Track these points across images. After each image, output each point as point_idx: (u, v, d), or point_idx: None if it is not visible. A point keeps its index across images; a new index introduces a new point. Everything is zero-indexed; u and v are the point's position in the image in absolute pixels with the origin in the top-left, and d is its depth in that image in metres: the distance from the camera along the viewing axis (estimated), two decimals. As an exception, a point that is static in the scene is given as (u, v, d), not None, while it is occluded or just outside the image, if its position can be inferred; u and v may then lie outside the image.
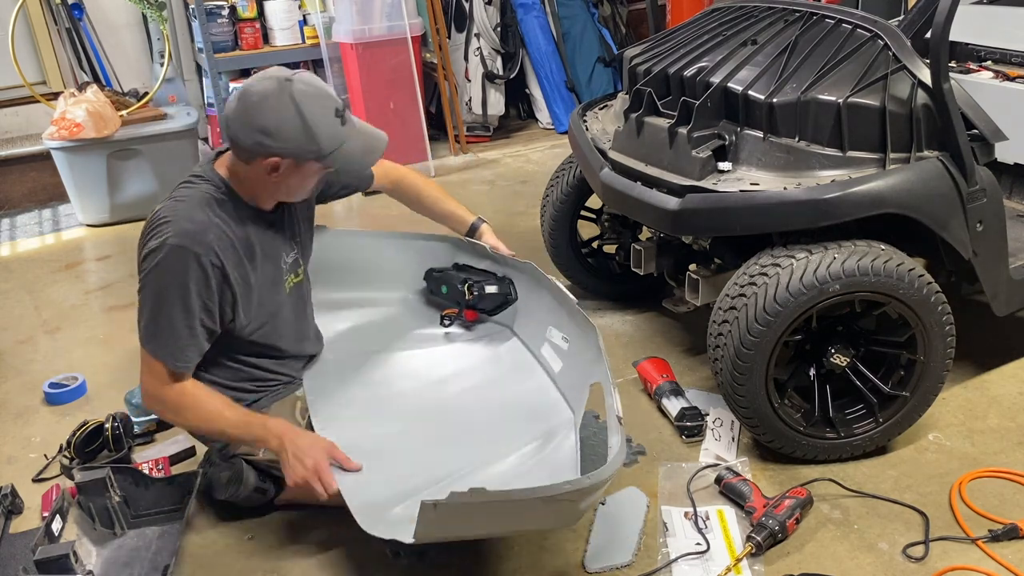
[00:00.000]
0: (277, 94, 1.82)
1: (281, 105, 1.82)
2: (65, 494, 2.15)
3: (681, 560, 1.95)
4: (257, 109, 1.82)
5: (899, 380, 2.22)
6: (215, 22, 4.74)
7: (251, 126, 1.83)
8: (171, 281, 1.85)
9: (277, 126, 1.82)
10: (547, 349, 2.25)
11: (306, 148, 1.86)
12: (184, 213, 1.88)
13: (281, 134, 1.83)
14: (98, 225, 4.45)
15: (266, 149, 1.84)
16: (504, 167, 5.05)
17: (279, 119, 1.82)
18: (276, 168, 1.88)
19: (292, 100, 1.83)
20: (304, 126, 1.83)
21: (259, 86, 1.84)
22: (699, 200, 2.20)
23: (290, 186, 1.97)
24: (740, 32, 2.49)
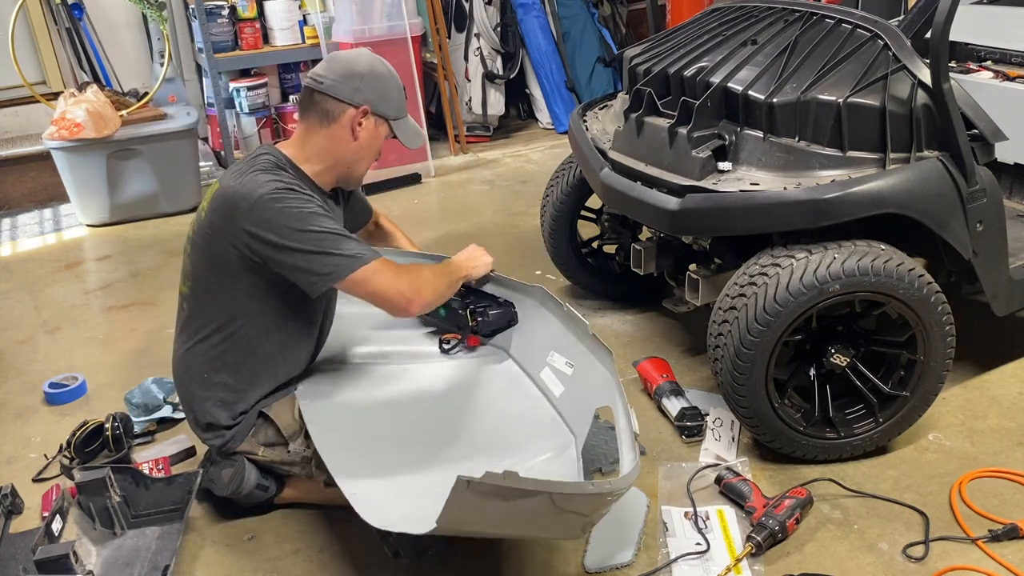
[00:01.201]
0: (370, 55, 2.09)
1: (375, 62, 2.07)
2: (65, 494, 2.15)
3: (681, 560, 1.95)
4: (356, 61, 2.05)
5: (899, 380, 2.22)
6: (215, 22, 4.74)
7: (351, 74, 2.02)
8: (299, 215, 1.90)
9: (374, 76, 2.04)
10: (547, 373, 2.22)
11: (391, 103, 2.08)
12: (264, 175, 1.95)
13: (376, 83, 2.04)
14: (98, 225, 4.45)
15: (362, 95, 2.02)
16: (504, 167, 5.05)
17: (376, 71, 2.05)
18: (361, 122, 2.04)
19: (383, 62, 2.10)
20: (393, 83, 2.09)
21: (350, 52, 2.12)
22: (699, 200, 2.20)
23: (360, 151, 2.08)
24: (740, 32, 2.49)
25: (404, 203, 4.55)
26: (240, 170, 2.00)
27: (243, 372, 2.08)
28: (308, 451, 2.07)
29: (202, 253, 2.03)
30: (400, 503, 1.82)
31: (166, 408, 2.62)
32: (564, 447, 2.03)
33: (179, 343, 2.15)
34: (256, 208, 1.90)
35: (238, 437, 2.09)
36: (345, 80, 2.01)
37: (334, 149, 2.06)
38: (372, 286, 1.94)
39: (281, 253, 1.91)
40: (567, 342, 2.19)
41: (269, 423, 2.09)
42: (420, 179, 4.85)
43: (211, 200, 2.00)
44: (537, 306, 2.33)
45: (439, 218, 4.31)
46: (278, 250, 1.91)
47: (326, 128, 2.03)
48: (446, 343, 2.36)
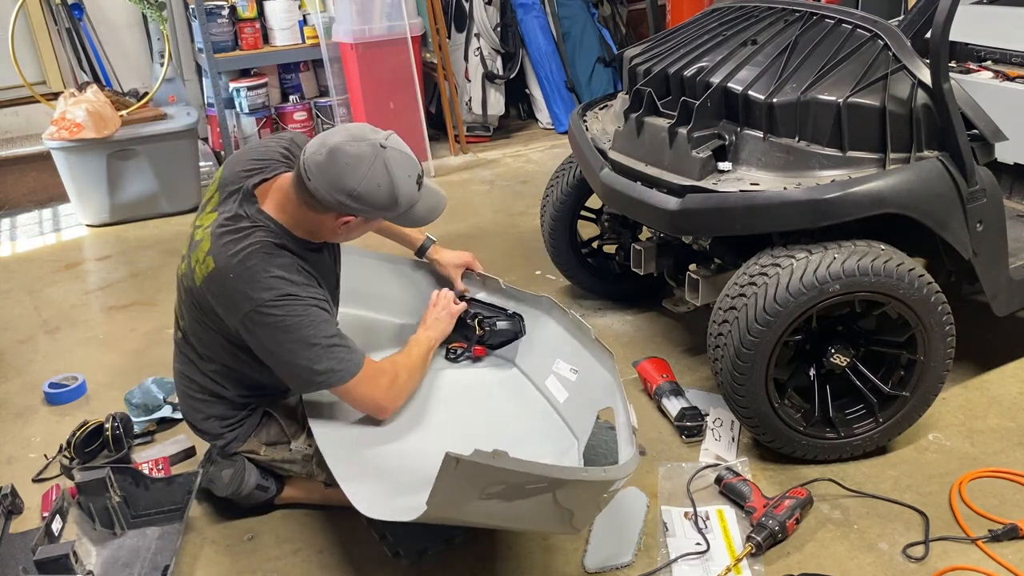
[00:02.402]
0: (371, 160, 1.81)
1: (375, 172, 1.81)
2: (65, 494, 2.15)
3: (681, 560, 1.95)
4: (350, 172, 1.80)
5: (899, 380, 2.22)
6: (215, 22, 4.74)
7: (339, 187, 1.80)
8: (298, 325, 1.85)
9: (367, 192, 1.82)
10: (552, 381, 2.21)
11: (384, 211, 1.90)
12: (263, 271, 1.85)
13: (368, 199, 1.83)
14: (98, 225, 4.45)
15: (347, 209, 1.84)
16: (504, 167, 5.05)
17: (370, 186, 1.82)
18: (347, 223, 1.90)
19: (386, 168, 1.83)
20: (392, 193, 1.85)
21: (352, 148, 1.80)
22: (699, 200, 2.20)
23: (349, 235, 1.99)
24: (740, 32, 2.49)
25: (404, 203, 4.54)
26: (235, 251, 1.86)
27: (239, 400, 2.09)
28: (309, 449, 2.07)
29: (199, 315, 1.99)
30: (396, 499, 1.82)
31: (166, 408, 2.62)
32: (566, 450, 2.03)
33: (177, 361, 2.15)
34: (256, 316, 1.84)
35: (241, 437, 2.10)
36: (331, 191, 1.80)
37: (320, 230, 1.94)
38: (351, 397, 1.95)
39: (273, 357, 1.89)
40: (572, 349, 2.19)
41: (272, 421, 2.10)
42: (420, 179, 4.84)
43: (207, 279, 1.88)
44: (544, 316, 2.33)
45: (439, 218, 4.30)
46: (270, 354, 1.89)
47: (312, 213, 1.88)
48: (452, 352, 2.35)
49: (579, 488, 1.65)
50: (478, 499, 1.58)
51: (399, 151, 1.87)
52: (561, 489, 1.62)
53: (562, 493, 1.63)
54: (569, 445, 2.03)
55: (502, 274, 2.49)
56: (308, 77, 5.16)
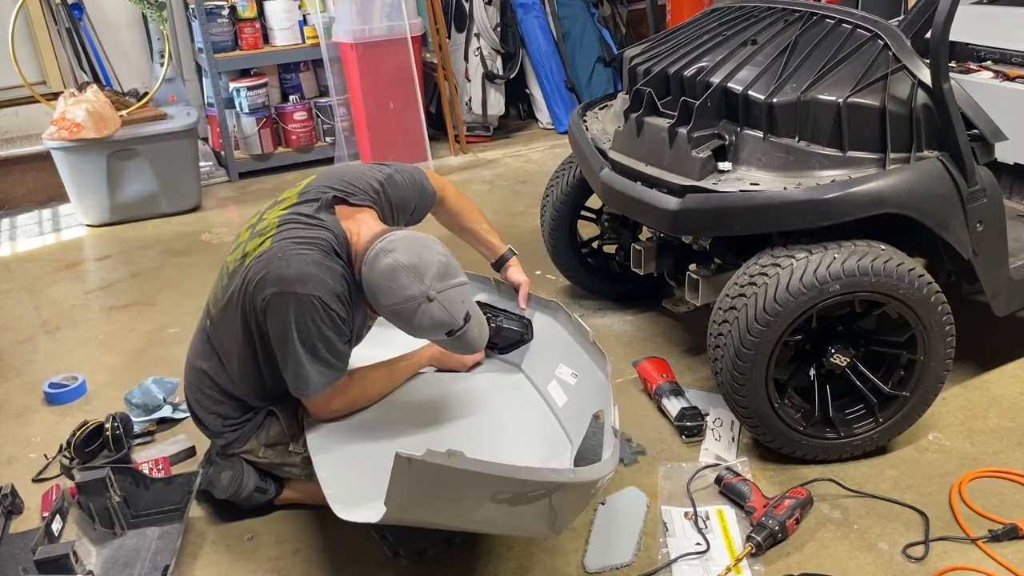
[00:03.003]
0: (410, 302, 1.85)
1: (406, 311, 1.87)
2: (65, 494, 2.15)
3: (681, 560, 1.95)
4: (389, 295, 1.86)
5: (899, 380, 2.22)
6: (215, 22, 4.74)
7: (375, 299, 1.90)
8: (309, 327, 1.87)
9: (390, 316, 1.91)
10: (554, 386, 2.21)
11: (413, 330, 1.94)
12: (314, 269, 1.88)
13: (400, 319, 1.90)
14: (98, 225, 4.44)
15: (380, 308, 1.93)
16: (504, 167, 5.05)
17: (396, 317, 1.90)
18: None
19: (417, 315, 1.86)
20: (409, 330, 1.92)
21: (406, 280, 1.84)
22: (699, 200, 2.20)
23: None
24: (740, 32, 2.49)
25: (404, 203, 4.54)
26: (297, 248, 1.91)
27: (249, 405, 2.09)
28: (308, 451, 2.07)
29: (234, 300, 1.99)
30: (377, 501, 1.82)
31: (166, 408, 2.62)
32: (559, 453, 2.02)
33: (195, 355, 2.14)
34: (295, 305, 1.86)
35: (243, 437, 2.10)
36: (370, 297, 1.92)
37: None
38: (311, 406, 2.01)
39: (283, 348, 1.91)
40: (574, 353, 2.19)
41: (275, 421, 2.10)
42: (420, 179, 4.84)
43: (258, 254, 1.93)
44: (552, 321, 2.33)
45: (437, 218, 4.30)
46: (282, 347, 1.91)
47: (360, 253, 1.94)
48: None
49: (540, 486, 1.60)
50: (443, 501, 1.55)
51: (443, 307, 1.87)
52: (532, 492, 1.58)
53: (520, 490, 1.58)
54: (563, 448, 2.03)
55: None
56: (308, 77, 5.16)
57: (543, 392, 2.22)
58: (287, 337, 1.88)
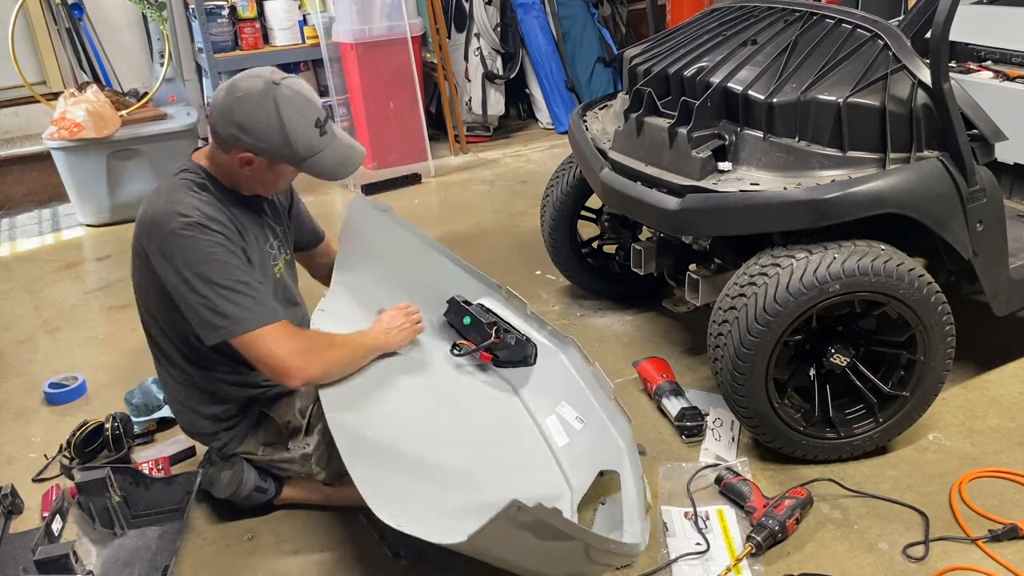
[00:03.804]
0: (260, 95, 1.84)
1: (263, 106, 1.84)
2: (65, 494, 2.15)
3: (681, 560, 1.95)
4: (239, 105, 1.84)
5: (899, 380, 2.22)
6: (215, 22, 4.75)
7: (230, 120, 1.85)
8: (202, 258, 1.84)
9: (254, 125, 1.84)
10: (553, 422, 2.18)
11: (280, 151, 1.88)
12: (172, 200, 1.89)
13: (257, 133, 1.85)
14: (98, 225, 4.45)
15: (241, 143, 1.87)
16: (504, 167, 5.05)
17: (258, 119, 1.84)
18: (250, 163, 1.90)
19: (274, 103, 1.84)
20: (281, 130, 1.85)
21: (246, 83, 1.86)
22: (699, 200, 2.20)
23: (264, 181, 1.98)
24: (740, 32, 2.49)
25: (404, 203, 4.54)
26: (159, 190, 1.94)
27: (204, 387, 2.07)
28: (308, 448, 2.07)
29: (134, 271, 2.02)
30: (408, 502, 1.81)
31: (166, 408, 2.61)
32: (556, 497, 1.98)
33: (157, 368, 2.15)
34: (167, 242, 1.85)
35: (238, 438, 2.09)
36: (224, 123, 1.86)
37: (235, 175, 1.96)
38: (253, 351, 1.86)
39: (179, 293, 1.86)
40: (582, 399, 2.17)
41: (270, 422, 2.09)
42: (420, 179, 4.85)
43: (136, 225, 1.95)
44: (561, 356, 2.31)
45: (439, 218, 4.31)
46: (177, 289, 1.86)
47: (223, 155, 1.93)
48: (457, 348, 2.29)
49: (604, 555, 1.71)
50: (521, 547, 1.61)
51: (294, 90, 1.87)
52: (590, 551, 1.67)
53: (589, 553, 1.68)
54: (560, 492, 2.01)
55: (502, 274, 2.49)
56: (308, 77, 5.17)
57: (539, 424, 2.19)
58: (180, 279, 1.84)
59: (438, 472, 1.94)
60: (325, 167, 1.94)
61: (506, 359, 2.30)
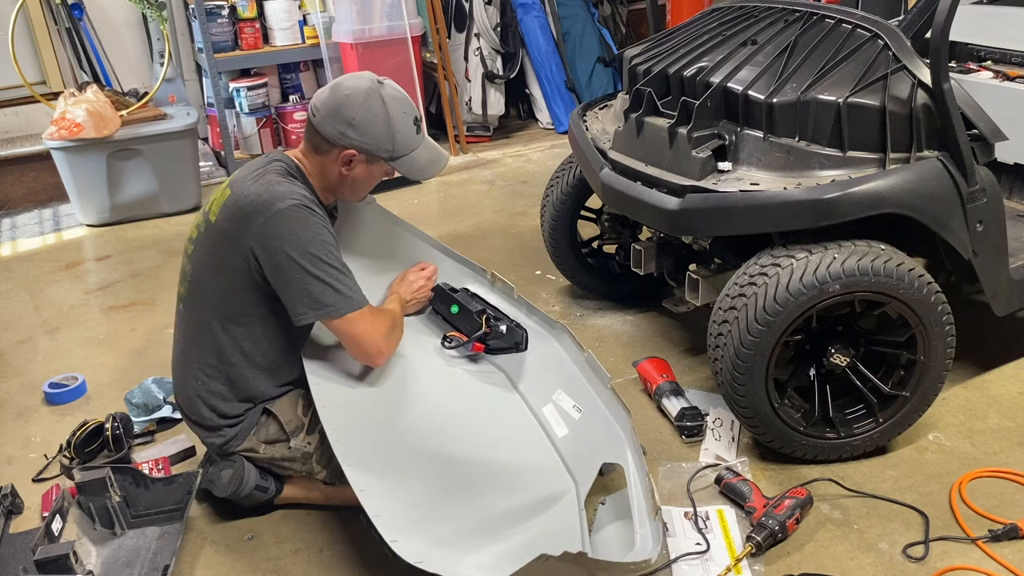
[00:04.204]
0: (367, 93, 1.98)
1: (371, 103, 1.97)
2: (65, 494, 2.15)
3: (681, 560, 1.95)
4: (348, 103, 1.96)
5: (899, 380, 2.22)
6: (215, 22, 4.74)
7: (339, 117, 1.96)
8: (311, 238, 1.90)
9: (364, 121, 1.96)
10: (551, 411, 2.16)
11: (383, 146, 2.00)
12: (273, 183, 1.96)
13: (365, 129, 1.97)
14: (98, 225, 4.45)
15: (347, 140, 1.97)
16: (504, 167, 5.05)
17: (367, 115, 1.97)
18: (350, 161, 2.00)
19: (381, 101, 1.98)
20: (388, 126, 1.98)
21: (352, 82, 1.99)
22: (699, 200, 2.20)
23: (356, 182, 2.07)
24: (740, 32, 2.49)
25: (404, 203, 4.55)
26: (255, 175, 1.99)
27: (236, 381, 2.07)
28: (309, 447, 2.07)
29: (208, 257, 2.02)
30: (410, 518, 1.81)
31: (166, 408, 2.62)
32: (563, 492, 2.00)
33: (176, 346, 2.15)
34: (273, 220, 1.90)
35: (240, 435, 2.09)
36: (333, 121, 1.97)
37: (328, 176, 2.05)
38: (353, 332, 1.95)
39: (285, 271, 1.90)
40: (578, 386, 2.15)
41: (272, 419, 2.09)
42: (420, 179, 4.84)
43: (223, 206, 1.98)
44: (552, 342, 2.28)
45: (439, 218, 4.31)
46: (282, 267, 1.90)
47: (321, 156, 2.03)
48: (449, 340, 2.30)
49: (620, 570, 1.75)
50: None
51: (396, 89, 2.04)
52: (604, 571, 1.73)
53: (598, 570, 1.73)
54: (566, 488, 2.01)
55: (502, 274, 2.48)
56: (308, 77, 5.16)
57: (537, 413, 2.19)
58: (288, 257, 1.89)
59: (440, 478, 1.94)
60: (417, 165, 2.07)
61: (498, 347, 2.30)
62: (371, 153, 2.00)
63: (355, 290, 1.95)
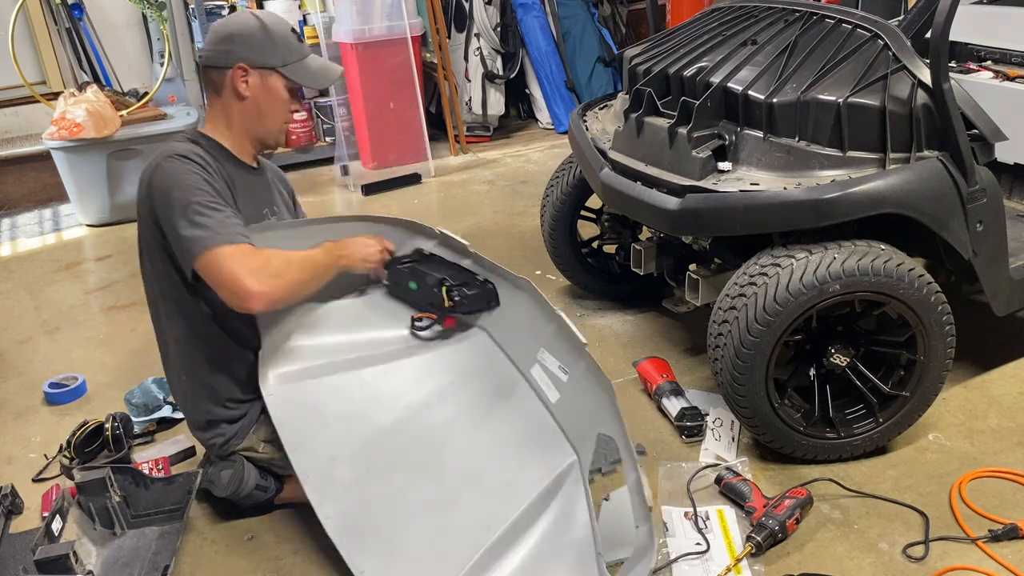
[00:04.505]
0: (240, 13, 2.08)
1: (243, 17, 2.05)
2: (65, 494, 2.15)
3: (681, 560, 1.95)
4: (223, 24, 2.05)
5: (899, 380, 2.22)
6: (215, 22, 4.74)
7: (218, 37, 2.02)
8: (177, 181, 1.88)
9: (241, 31, 2.01)
10: (538, 372, 1.98)
11: (268, 52, 2.01)
12: (168, 146, 1.97)
13: (244, 37, 2.00)
14: (98, 225, 4.45)
15: (233, 57, 1.99)
16: (504, 167, 5.05)
17: (243, 26, 2.02)
18: (245, 77, 2.00)
19: (254, 15, 2.05)
20: (265, 31, 2.01)
21: (225, 18, 2.10)
22: (699, 200, 2.20)
23: (260, 106, 2.04)
24: (740, 32, 2.49)
25: (404, 203, 4.55)
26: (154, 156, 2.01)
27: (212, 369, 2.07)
28: None
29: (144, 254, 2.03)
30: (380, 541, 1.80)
31: (166, 408, 2.62)
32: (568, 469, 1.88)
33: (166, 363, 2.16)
34: (155, 176, 1.91)
35: (240, 434, 2.09)
36: (217, 45, 2.01)
37: (230, 115, 2.05)
38: (215, 271, 1.83)
39: (165, 222, 1.89)
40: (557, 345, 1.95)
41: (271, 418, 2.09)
42: (420, 179, 4.85)
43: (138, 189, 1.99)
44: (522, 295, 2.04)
45: (439, 218, 4.31)
46: (163, 219, 1.89)
47: (220, 99, 2.04)
48: (418, 320, 2.14)
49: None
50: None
51: (270, 13, 2.08)
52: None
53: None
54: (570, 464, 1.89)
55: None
56: (308, 77, 5.16)
57: (527, 375, 2.02)
58: (163, 205, 1.87)
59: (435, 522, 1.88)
60: (311, 72, 2.08)
61: (469, 311, 2.13)
62: (260, 64, 2.00)
63: (223, 226, 1.84)
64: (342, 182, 4.86)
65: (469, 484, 1.94)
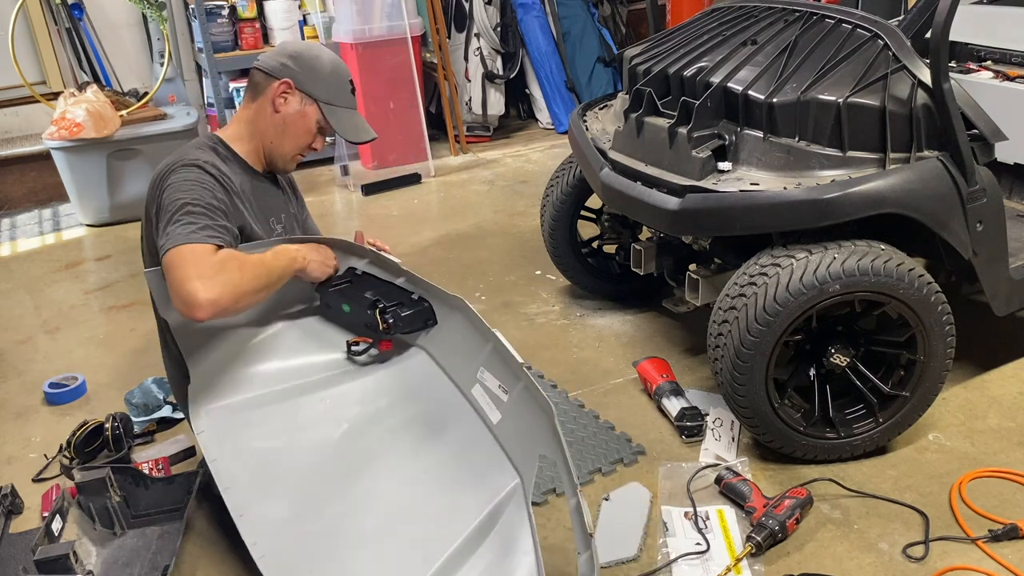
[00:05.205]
0: (316, 43, 2.14)
1: (318, 48, 2.13)
2: (65, 494, 2.15)
3: (681, 560, 1.95)
4: (294, 42, 2.12)
5: (899, 380, 2.22)
6: (215, 22, 4.75)
7: (284, 52, 2.09)
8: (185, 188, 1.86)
9: (306, 56, 2.07)
10: (479, 392, 1.88)
11: (319, 85, 2.07)
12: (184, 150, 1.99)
13: (306, 62, 2.06)
14: (98, 225, 4.45)
15: (287, 71, 2.04)
16: (504, 167, 5.05)
17: (311, 53, 2.09)
18: (284, 94, 2.04)
19: (327, 51, 2.13)
20: (326, 67, 2.08)
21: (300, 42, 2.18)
22: (699, 200, 2.20)
23: (287, 124, 2.07)
24: (740, 32, 2.49)
25: (404, 203, 4.55)
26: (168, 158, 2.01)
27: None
28: None
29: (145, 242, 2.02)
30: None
31: (166, 408, 2.62)
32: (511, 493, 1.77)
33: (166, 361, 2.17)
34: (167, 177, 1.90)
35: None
36: (278, 56, 2.07)
37: (257, 122, 2.07)
38: (169, 271, 1.74)
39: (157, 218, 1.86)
40: (495, 363, 1.85)
41: None
42: (420, 179, 4.85)
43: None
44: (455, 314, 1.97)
45: (439, 218, 4.31)
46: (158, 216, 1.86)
47: (255, 102, 2.07)
48: (354, 345, 2.07)
49: None
50: None
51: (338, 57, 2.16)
52: None
53: None
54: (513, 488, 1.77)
55: (502, 274, 2.47)
56: (308, 77, 5.16)
57: (468, 396, 1.92)
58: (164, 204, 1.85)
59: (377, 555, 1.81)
60: (345, 124, 2.12)
61: (406, 331, 2.03)
62: (305, 89, 2.05)
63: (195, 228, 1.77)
64: (342, 182, 4.86)
65: (407, 513, 1.85)
